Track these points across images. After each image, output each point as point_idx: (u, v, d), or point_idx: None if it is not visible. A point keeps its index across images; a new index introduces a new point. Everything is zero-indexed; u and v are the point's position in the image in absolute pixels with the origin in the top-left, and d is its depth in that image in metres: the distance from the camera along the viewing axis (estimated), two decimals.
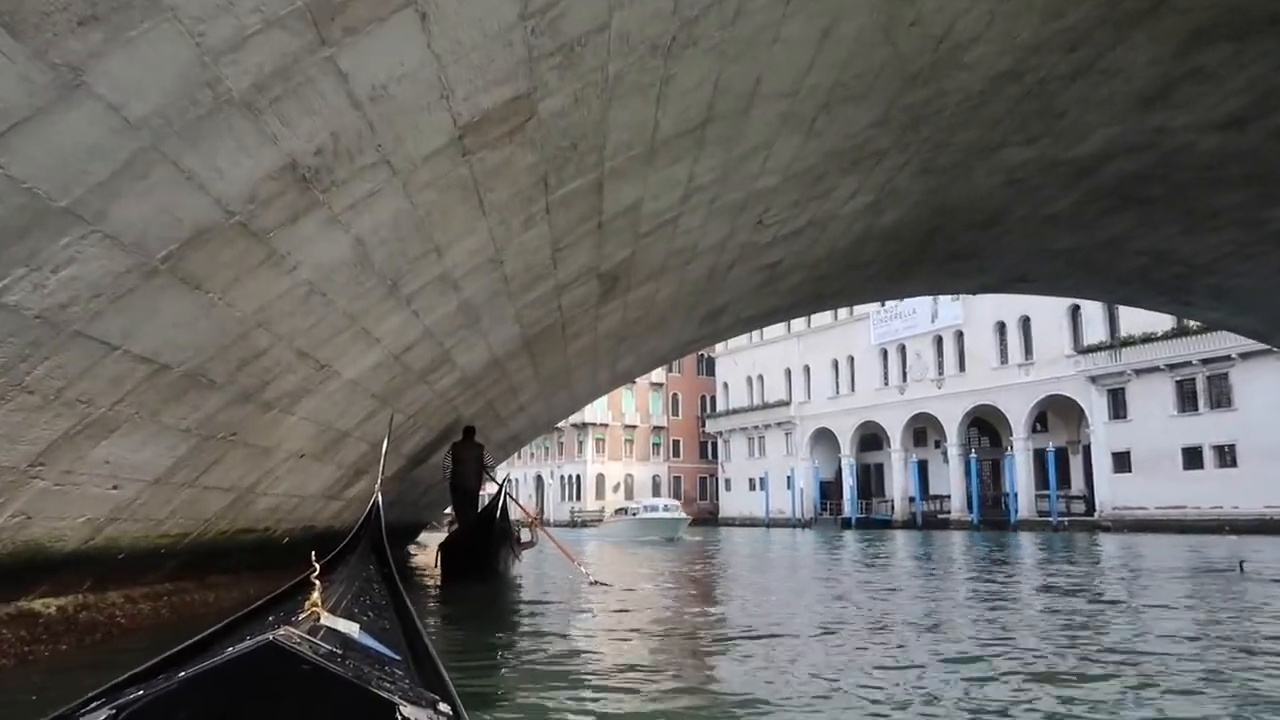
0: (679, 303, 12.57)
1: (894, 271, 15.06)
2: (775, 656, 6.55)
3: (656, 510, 39.38)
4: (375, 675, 2.13)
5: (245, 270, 4.52)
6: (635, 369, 17.66)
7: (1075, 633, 7.74)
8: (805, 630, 8.02)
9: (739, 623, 8.90)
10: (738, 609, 10.41)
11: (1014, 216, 11.71)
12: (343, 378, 6.99)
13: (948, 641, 7.25)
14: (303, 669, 1.90)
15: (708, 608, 10.58)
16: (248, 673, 1.91)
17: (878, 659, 6.42)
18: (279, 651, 1.89)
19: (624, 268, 9.25)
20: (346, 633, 2.37)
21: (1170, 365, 37.03)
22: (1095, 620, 8.64)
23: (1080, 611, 9.34)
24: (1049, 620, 8.77)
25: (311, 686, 1.92)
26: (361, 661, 2.21)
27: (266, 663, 1.89)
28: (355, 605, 3.12)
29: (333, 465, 8.97)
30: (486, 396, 11.83)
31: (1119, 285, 17.38)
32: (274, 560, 9.65)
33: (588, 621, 9.37)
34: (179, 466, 6.02)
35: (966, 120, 8.19)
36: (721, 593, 12.97)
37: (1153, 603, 10.27)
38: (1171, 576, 14.20)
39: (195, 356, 4.97)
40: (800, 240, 11.10)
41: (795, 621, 8.81)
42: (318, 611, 2.33)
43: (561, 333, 10.67)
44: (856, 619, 8.90)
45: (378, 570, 4.13)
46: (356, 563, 4.00)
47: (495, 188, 5.54)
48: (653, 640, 7.70)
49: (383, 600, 3.63)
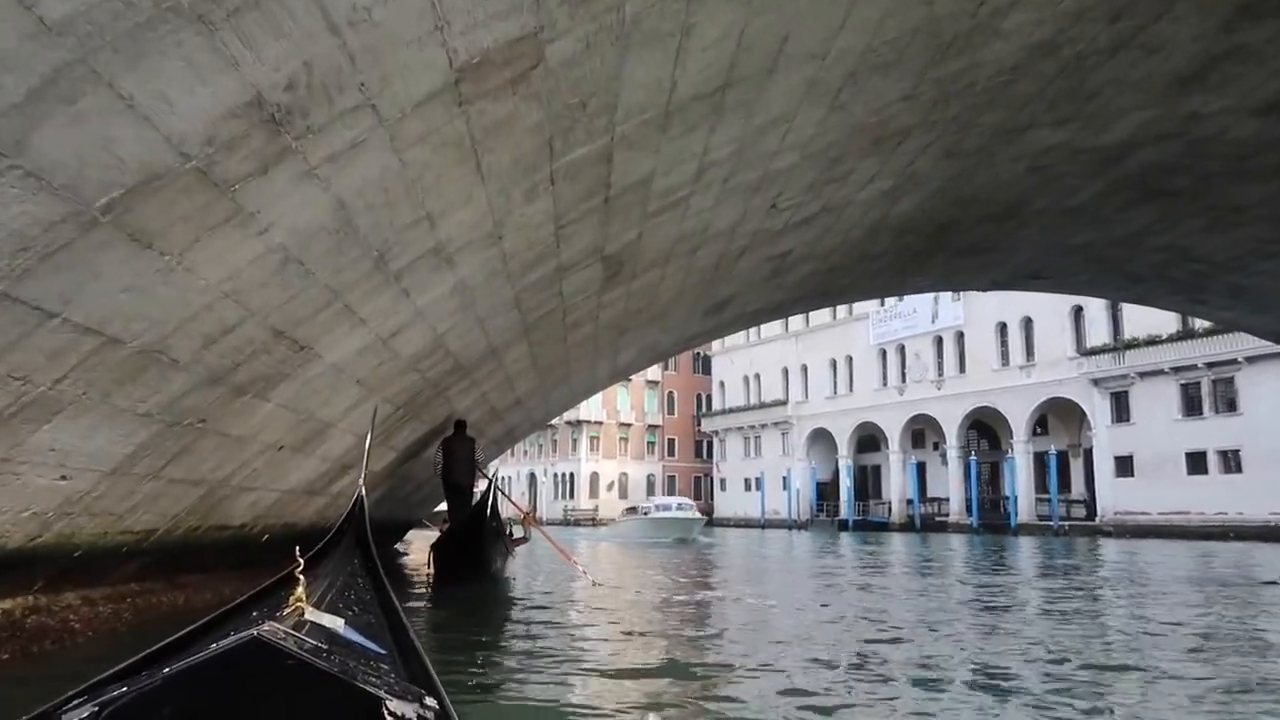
0: (684, 293, 12.06)
1: (905, 265, 14.68)
2: (783, 681, 5.99)
3: (669, 509, 37.24)
4: (361, 670, 2.11)
5: (207, 229, 3.92)
6: (636, 363, 17.10)
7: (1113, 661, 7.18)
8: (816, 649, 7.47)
9: (740, 627, 8.37)
10: (739, 613, 9.87)
11: (1033, 208, 11.25)
12: (325, 361, 6.40)
13: (988, 672, 6.70)
14: (288, 664, 1.89)
15: (706, 611, 10.05)
16: (232, 669, 1.90)
17: (875, 668, 5.87)
18: (264, 647, 1.88)
19: (630, 251, 8.68)
20: (331, 628, 2.36)
21: (1175, 368, 36.51)
22: (1138, 654, 8.08)
23: (1116, 638, 8.78)
24: (1079, 639, 8.21)
25: (297, 682, 1.90)
26: (347, 656, 2.18)
27: (251, 658, 1.87)
28: (340, 600, 3.14)
29: (315, 459, 8.37)
30: (482, 388, 11.25)
31: (1133, 283, 17.02)
32: (252, 559, 9.06)
33: (580, 619, 9.20)
34: (140, 456, 5.42)
35: (996, 99, 7.69)
36: (724, 592, 12.42)
37: (1175, 620, 9.71)
38: (1196, 589, 13.64)
39: (152, 330, 4.37)
40: (813, 228, 10.62)
41: (814, 641, 8.25)
42: (302, 607, 2.32)
43: (562, 321, 10.09)
44: (865, 625, 8.35)
45: (362, 565, 4.06)
46: (341, 558, 3.97)
47: (495, 149, 4.95)
48: (645, 640, 7.63)
49: (368, 595, 3.59)
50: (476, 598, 11.01)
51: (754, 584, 14.36)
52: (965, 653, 6.84)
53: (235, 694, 1.95)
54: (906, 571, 17.01)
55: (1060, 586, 13.62)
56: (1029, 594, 12.43)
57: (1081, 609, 10.29)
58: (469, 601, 10.62)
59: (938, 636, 7.74)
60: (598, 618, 9.19)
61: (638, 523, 35.88)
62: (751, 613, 9.87)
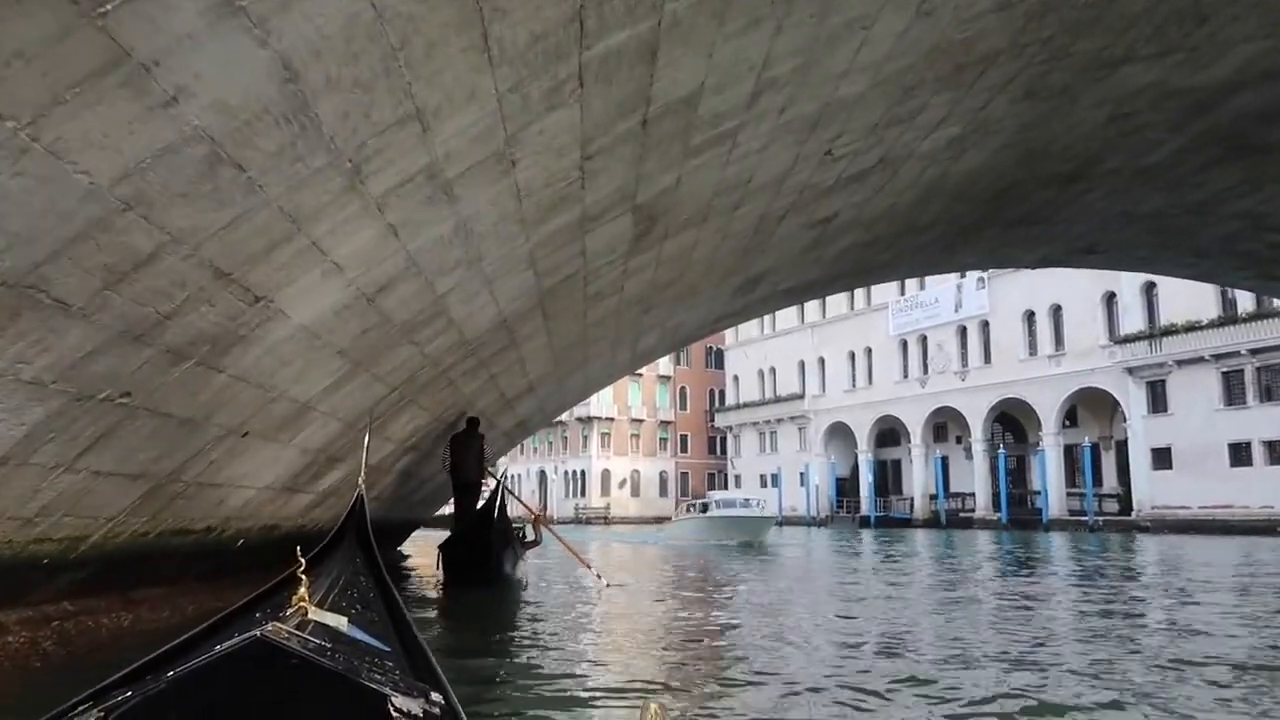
0: (716, 266, 10.78)
1: (951, 239, 13.67)
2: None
3: (734, 506, 31.28)
4: (365, 668, 2.10)
5: (74, 85, 2.56)
6: (657, 349, 15.77)
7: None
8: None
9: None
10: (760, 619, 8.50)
11: (1104, 168, 10.13)
12: (292, 321, 5.03)
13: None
14: (292, 664, 1.88)
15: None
16: (237, 670, 1.90)
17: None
18: (268, 647, 1.88)
19: (665, 202, 7.33)
20: (335, 626, 2.34)
21: (1216, 355, 34.66)
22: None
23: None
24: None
25: (302, 681, 1.90)
26: (351, 655, 2.17)
27: (256, 659, 1.87)
28: (343, 599, 3.13)
29: (294, 449, 7.02)
30: (491, 370, 9.89)
31: (1197, 258, 15.84)
32: (225, 568, 7.74)
33: (596, 626, 8.81)
34: (38, 440, 4.07)
35: (1099, 17, 6.48)
36: (733, 589, 11.07)
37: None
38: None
39: (14, 251, 3.02)
40: (864, 187, 9.42)
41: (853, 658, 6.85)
42: (305, 606, 2.28)
43: (583, 291, 8.74)
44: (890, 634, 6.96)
45: (365, 564, 3.96)
46: (343, 557, 3.92)
47: (510, 10, 3.58)
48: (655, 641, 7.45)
49: (371, 594, 3.55)
50: (487, 600, 10.54)
51: (837, 601, 12.94)
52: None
53: (240, 695, 1.94)
54: (968, 571, 15.58)
55: (1135, 593, 12.19)
56: (1121, 601, 11.00)
57: (1179, 625, 8.84)
58: (479, 604, 10.20)
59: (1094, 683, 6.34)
60: (615, 624, 8.90)
61: (695, 523, 30.60)
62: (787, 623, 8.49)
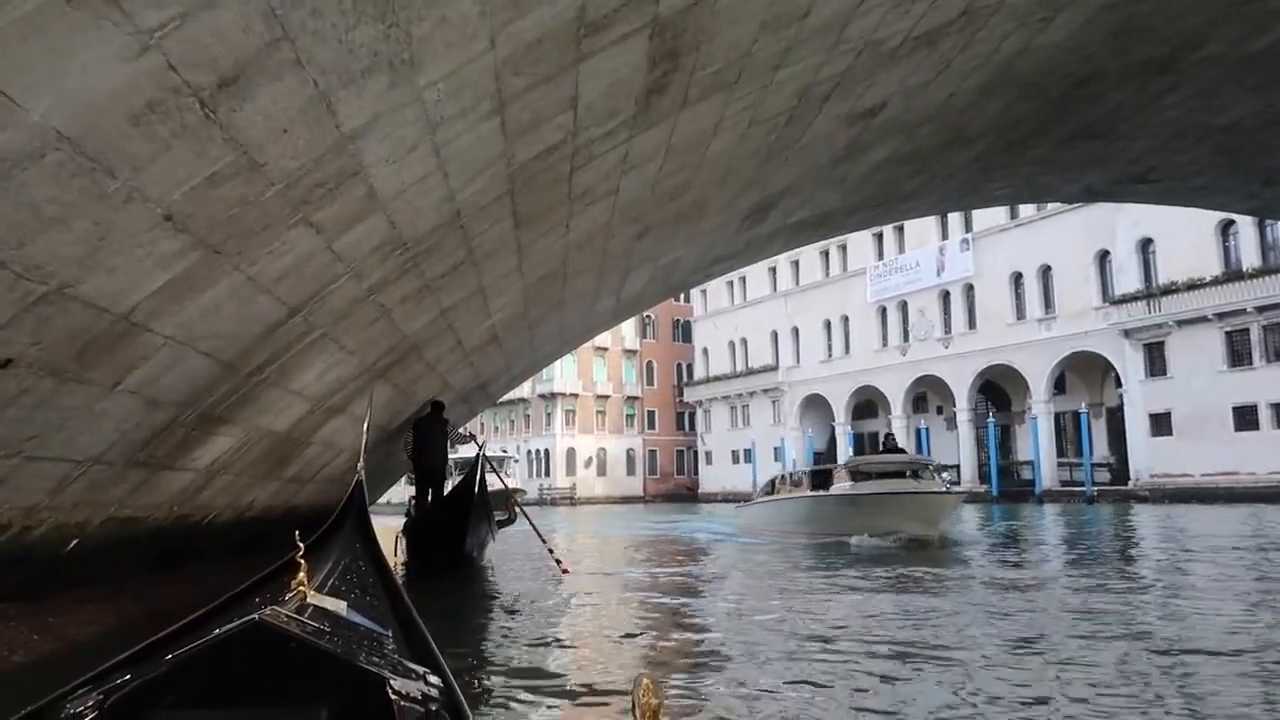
0: (732, 172, 8.68)
1: (992, 161, 11.83)
2: None
3: (888, 477, 16.98)
4: (364, 651, 2.13)
5: None
6: (645, 294, 13.49)
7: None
8: None
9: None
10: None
11: (1203, 53, 8.68)
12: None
13: None
14: (291, 648, 1.92)
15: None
16: (236, 654, 1.92)
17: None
18: (266, 631, 1.91)
19: (695, 22, 4.96)
20: (334, 610, 2.35)
21: (1219, 314, 33.02)
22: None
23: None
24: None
25: (301, 664, 1.92)
26: (350, 638, 2.18)
27: (254, 643, 1.90)
28: (342, 584, 3.22)
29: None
30: (442, 302, 7.49)
31: (1264, 186, 14.07)
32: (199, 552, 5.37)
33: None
34: None
35: None
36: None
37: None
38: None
39: None
40: (929, 61, 7.79)
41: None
42: (304, 591, 2.32)
43: (568, 181, 6.38)
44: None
45: (364, 548, 3.93)
46: (341, 542, 3.89)
47: None
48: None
49: (370, 578, 3.56)
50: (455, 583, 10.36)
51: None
52: None
53: (239, 679, 1.93)
54: (1052, 555, 13.54)
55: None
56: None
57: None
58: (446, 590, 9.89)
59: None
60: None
61: (808, 504, 18.34)
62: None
